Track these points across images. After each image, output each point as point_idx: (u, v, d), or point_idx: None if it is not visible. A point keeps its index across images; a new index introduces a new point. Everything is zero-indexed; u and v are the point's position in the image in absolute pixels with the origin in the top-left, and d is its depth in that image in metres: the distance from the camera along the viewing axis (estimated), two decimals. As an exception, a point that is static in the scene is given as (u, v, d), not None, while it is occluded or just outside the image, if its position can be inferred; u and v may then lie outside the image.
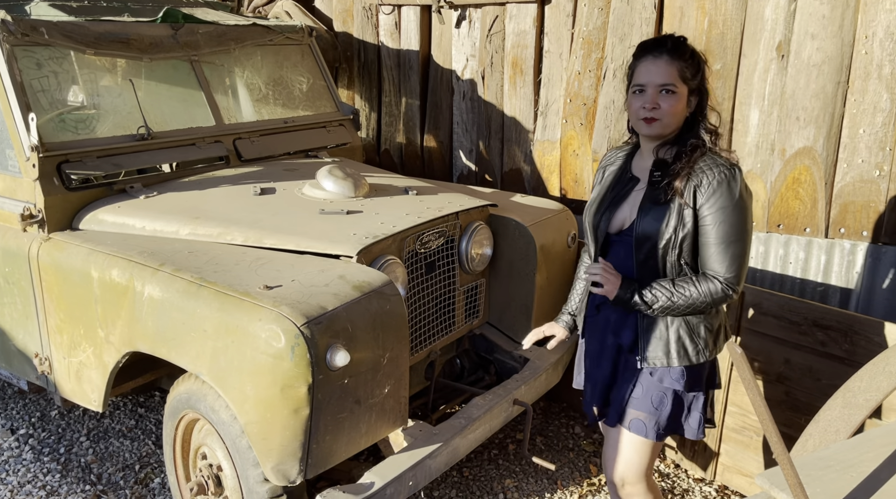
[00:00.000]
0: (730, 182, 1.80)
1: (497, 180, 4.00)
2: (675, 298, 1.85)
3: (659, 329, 1.94)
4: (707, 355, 1.94)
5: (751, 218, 1.84)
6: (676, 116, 1.87)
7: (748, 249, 1.86)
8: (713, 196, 1.80)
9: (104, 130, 2.79)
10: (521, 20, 3.68)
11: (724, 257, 1.82)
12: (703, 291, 1.84)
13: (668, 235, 1.85)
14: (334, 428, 2.03)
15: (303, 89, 3.59)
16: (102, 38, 2.77)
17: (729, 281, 1.84)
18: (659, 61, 1.85)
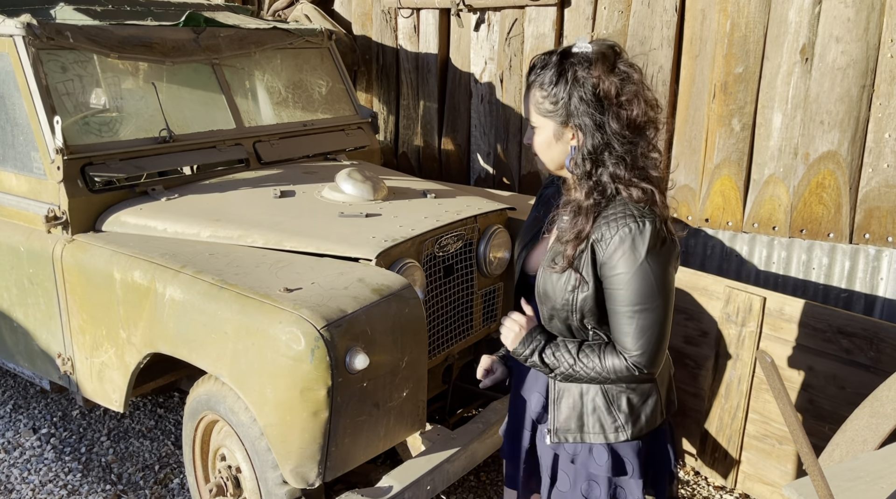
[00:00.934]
0: (634, 239, 1.42)
1: (515, 184, 3.99)
2: (578, 369, 1.53)
3: (573, 395, 1.59)
4: (628, 434, 1.56)
5: (667, 280, 1.47)
6: (547, 155, 1.55)
7: (663, 318, 1.47)
8: (613, 256, 1.45)
9: (127, 133, 2.82)
10: (541, 23, 3.67)
11: (629, 329, 1.47)
12: (608, 366, 1.50)
13: (566, 297, 1.53)
14: (353, 431, 2.03)
15: (322, 92, 3.60)
16: (126, 41, 2.80)
17: (635, 359, 1.48)
18: (528, 93, 1.54)
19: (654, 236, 1.43)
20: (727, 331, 2.80)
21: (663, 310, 1.47)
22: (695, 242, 3.41)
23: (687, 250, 3.44)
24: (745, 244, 3.26)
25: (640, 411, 1.58)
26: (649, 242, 1.43)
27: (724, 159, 3.22)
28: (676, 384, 1.76)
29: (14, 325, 2.83)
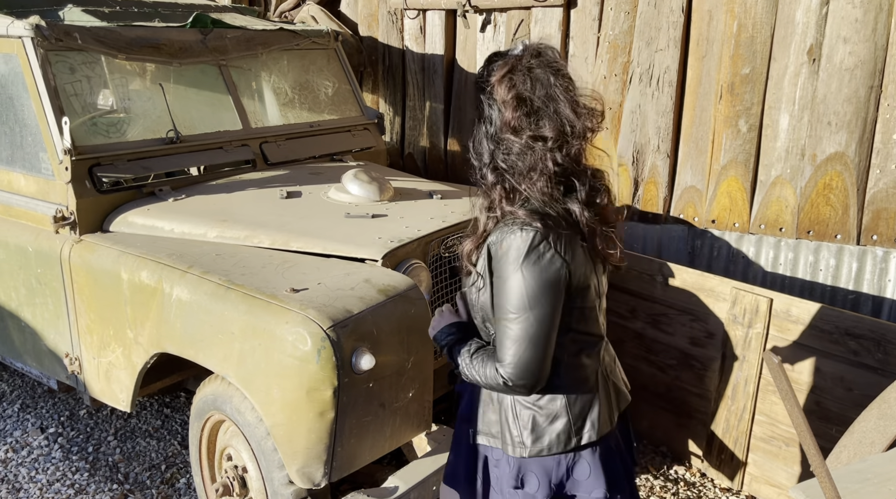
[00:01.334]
0: (511, 246, 1.38)
1: (521, 185, 3.99)
2: (468, 371, 1.48)
3: (494, 399, 1.55)
4: (526, 451, 1.49)
5: (540, 294, 1.38)
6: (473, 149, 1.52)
7: (534, 333, 1.39)
8: (499, 260, 1.40)
9: (134, 134, 2.83)
10: (547, 24, 3.67)
11: (500, 337, 1.41)
12: (488, 374, 1.44)
13: (472, 296, 1.52)
14: (359, 431, 2.03)
15: (328, 93, 3.61)
16: (134, 43, 2.82)
17: (503, 370, 1.41)
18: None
19: (531, 248, 1.37)
20: (734, 332, 2.79)
21: (534, 324, 1.38)
22: (701, 243, 3.40)
23: (693, 251, 3.43)
24: (752, 245, 3.25)
25: (544, 432, 1.49)
26: (525, 252, 1.37)
27: (731, 160, 3.21)
28: (682, 385, 1.71)
29: (22, 324, 2.84)
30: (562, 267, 1.39)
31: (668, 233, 3.49)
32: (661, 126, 3.39)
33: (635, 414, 3.21)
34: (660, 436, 3.17)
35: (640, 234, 3.56)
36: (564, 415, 1.50)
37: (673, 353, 3.03)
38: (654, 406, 3.15)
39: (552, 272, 1.38)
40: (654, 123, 3.41)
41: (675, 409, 3.07)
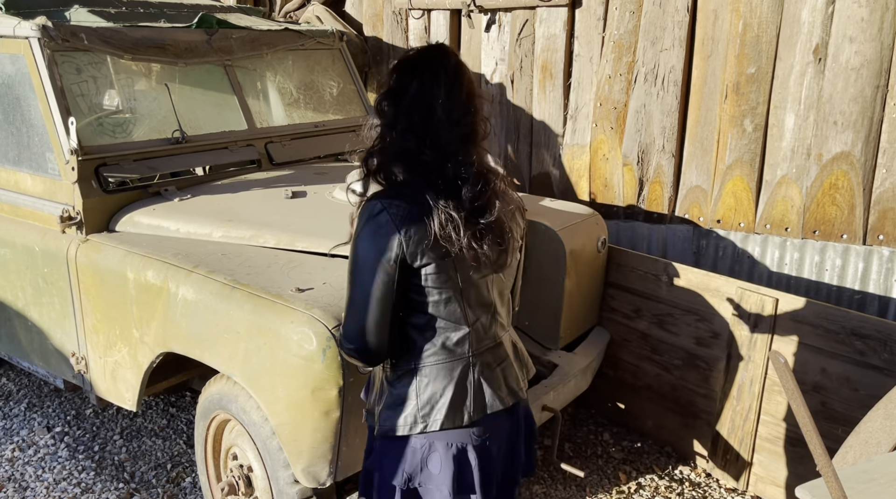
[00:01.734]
0: (360, 215, 1.48)
1: (525, 184, 3.99)
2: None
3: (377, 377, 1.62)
4: (376, 429, 1.55)
5: (365, 265, 1.45)
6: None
7: (357, 300, 1.47)
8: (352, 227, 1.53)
9: (140, 134, 2.84)
10: (552, 24, 3.67)
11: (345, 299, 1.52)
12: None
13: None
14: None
15: (333, 93, 3.62)
16: (139, 43, 2.82)
17: (339, 331, 1.55)
18: None
19: (370, 218, 1.45)
20: (739, 332, 2.79)
21: (359, 291, 1.46)
22: (706, 242, 3.40)
23: (698, 251, 3.43)
24: (758, 245, 3.25)
25: (394, 412, 1.53)
26: (366, 220, 1.46)
27: (737, 160, 3.21)
28: (687, 385, 1.70)
29: (29, 324, 2.85)
30: (393, 241, 1.43)
31: (673, 233, 3.48)
32: (666, 126, 3.39)
33: (640, 413, 3.21)
34: (665, 436, 3.17)
35: (644, 233, 3.56)
36: (413, 398, 1.52)
37: (678, 353, 3.02)
38: (659, 406, 3.15)
39: (382, 244, 1.44)
40: (659, 123, 3.41)
41: (681, 409, 3.06)
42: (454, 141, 1.46)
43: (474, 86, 1.52)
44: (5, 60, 2.71)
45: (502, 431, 1.60)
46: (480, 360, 1.56)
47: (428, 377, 1.52)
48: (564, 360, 2.90)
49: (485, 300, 1.55)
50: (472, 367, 1.54)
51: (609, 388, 3.32)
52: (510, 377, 1.61)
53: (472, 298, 1.52)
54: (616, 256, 3.17)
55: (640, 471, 3.04)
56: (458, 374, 1.53)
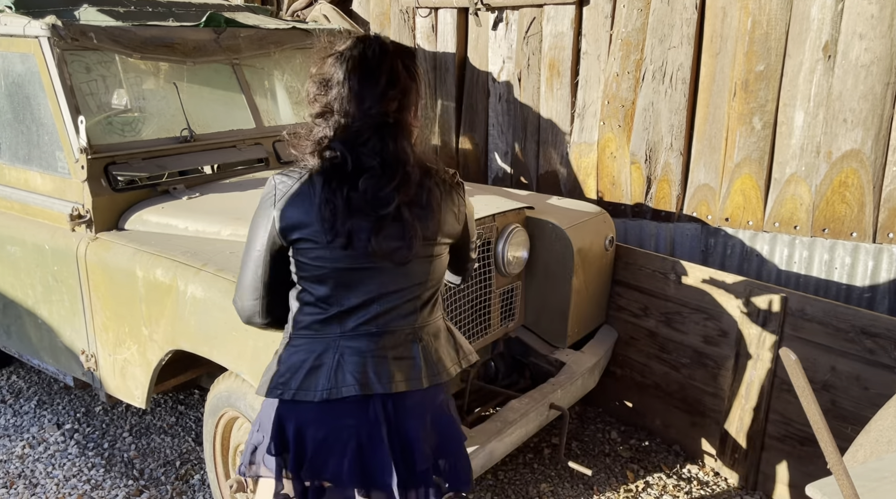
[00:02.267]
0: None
1: (533, 183, 3.98)
2: None
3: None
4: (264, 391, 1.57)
5: (252, 235, 1.57)
6: None
7: (242, 264, 1.60)
8: None
9: (149, 133, 2.85)
10: (559, 22, 3.66)
11: None
12: None
13: None
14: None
15: (341, 92, 3.62)
16: (148, 42, 2.84)
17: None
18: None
19: (265, 193, 1.55)
20: (747, 331, 2.78)
21: (243, 258, 1.61)
22: (714, 241, 3.38)
23: (707, 250, 3.42)
24: (766, 244, 3.23)
25: (265, 373, 1.60)
26: (262, 195, 1.56)
27: (745, 158, 3.20)
28: (695, 384, 1.68)
29: (39, 321, 2.87)
30: (270, 214, 1.53)
31: (681, 231, 3.47)
32: (675, 124, 3.38)
33: (648, 411, 3.21)
34: (673, 435, 3.16)
35: (652, 232, 3.55)
36: (277, 365, 1.58)
37: (686, 351, 3.01)
38: (667, 405, 3.14)
39: (261, 216, 1.56)
40: (667, 121, 3.40)
41: (689, 407, 3.05)
42: (365, 130, 1.48)
43: (407, 80, 1.52)
44: (15, 60, 2.73)
45: (363, 421, 1.55)
46: (350, 344, 1.54)
47: (295, 349, 1.57)
48: (572, 358, 2.89)
49: (368, 289, 1.54)
50: (336, 349, 1.54)
51: (617, 386, 3.31)
52: (388, 368, 1.55)
53: (350, 284, 1.54)
54: (624, 255, 3.17)
55: (648, 470, 3.03)
56: (320, 352, 1.55)
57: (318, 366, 1.54)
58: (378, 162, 1.49)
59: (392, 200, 1.48)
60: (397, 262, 1.53)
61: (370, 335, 1.55)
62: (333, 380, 1.53)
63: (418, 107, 1.56)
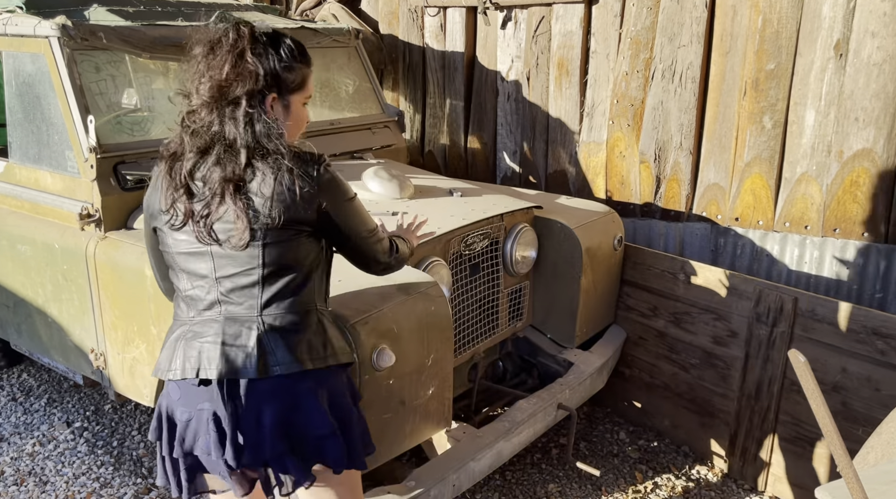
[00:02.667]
0: None
1: (541, 182, 3.97)
2: None
3: None
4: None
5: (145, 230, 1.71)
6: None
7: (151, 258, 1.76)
8: None
9: (157, 132, 2.86)
10: (568, 20, 3.65)
11: None
12: None
13: None
14: (379, 428, 2.03)
15: (349, 91, 3.62)
16: (157, 42, 2.84)
17: None
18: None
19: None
20: (757, 331, 2.76)
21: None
22: (724, 241, 3.36)
23: (716, 249, 3.39)
24: (777, 243, 3.21)
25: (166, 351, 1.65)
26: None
27: (755, 157, 3.17)
28: (705, 385, 1.65)
29: (49, 320, 2.89)
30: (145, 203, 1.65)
31: (690, 231, 3.45)
32: (684, 123, 3.36)
33: (657, 412, 3.19)
34: (682, 436, 3.14)
35: (661, 231, 3.53)
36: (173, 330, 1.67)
37: (695, 352, 3.00)
38: (675, 405, 3.12)
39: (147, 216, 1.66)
40: (676, 120, 3.38)
41: (698, 408, 3.04)
42: (203, 112, 1.53)
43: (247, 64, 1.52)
44: (26, 59, 2.74)
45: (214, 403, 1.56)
46: (192, 328, 1.60)
47: (171, 331, 1.66)
48: (580, 358, 2.88)
49: (198, 273, 1.59)
50: (184, 334, 1.60)
51: (625, 387, 3.30)
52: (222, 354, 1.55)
53: (190, 270, 1.59)
54: (632, 255, 3.15)
55: (657, 470, 3.02)
56: (177, 334, 1.62)
57: (172, 349, 1.61)
58: (207, 144, 1.52)
59: (216, 183, 1.51)
60: (233, 246, 1.53)
61: (213, 321, 1.58)
62: (181, 363, 1.58)
63: (262, 90, 1.54)
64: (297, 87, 1.61)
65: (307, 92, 1.65)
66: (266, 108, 1.54)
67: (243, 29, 1.56)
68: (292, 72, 1.58)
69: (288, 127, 1.62)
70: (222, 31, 1.56)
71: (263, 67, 1.53)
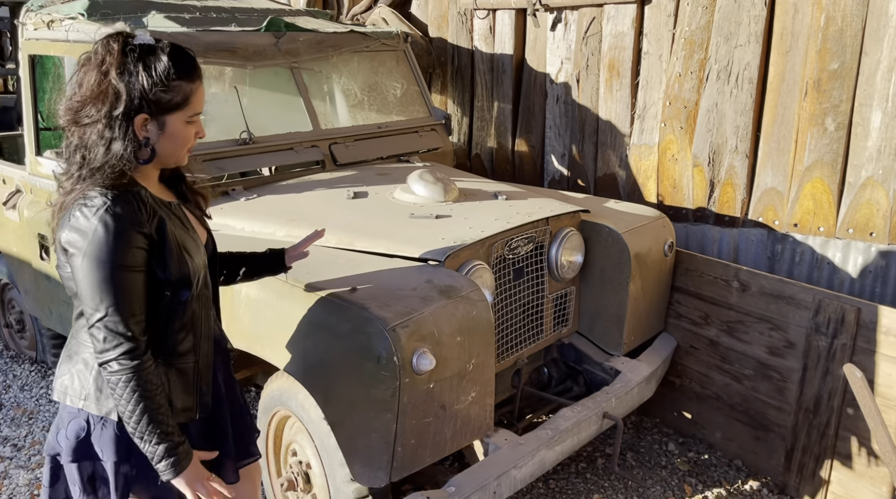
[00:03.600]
0: None
1: (590, 186, 3.90)
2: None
3: None
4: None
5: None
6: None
7: None
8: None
9: (210, 135, 2.92)
10: (620, 21, 3.58)
11: None
12: None
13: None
14: (419, 432, 2.02)
15: (397, 94, 3.63)
16: (211, 47, 2.91)
17: None
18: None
19: None
20: (816, 343, 2.64)
21: None
22: (782, 247, 3.23)
23: (773, 256, 3.26)
24: (839, 251, 3.06)
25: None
26: None
27: (816, 161, 3.04)
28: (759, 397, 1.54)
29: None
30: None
31: (745, 237, 3.33)
32: (740, 125, 3.24)
33: (708, 424, 3.08)
34: (734, 449, 3.03)
35: (715, 237, 3.42)
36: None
37: (749, 362, 2.89)
38: (728, 417, 3.01)
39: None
40: (732, 122, 3.27)
41: (752, 421, 2.92)
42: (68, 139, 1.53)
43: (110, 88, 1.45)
44: (87, 65, 2.84)
45: None
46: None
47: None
48: (628, 366, 2.81)
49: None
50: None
51: (675, 396, 3.20)
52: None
53: None
54: (684, 260, 3.06)
55: (707, 484, 2.92)
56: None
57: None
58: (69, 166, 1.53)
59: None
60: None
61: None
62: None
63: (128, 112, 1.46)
64: (176, 107, 1.51)
65: (192, 109, 1.54)
66: (136, 130, 1.47)
67: (112, 45, 1.48)
68: (168, 91, 1.48)
69: (166, 148, 1.53)
70: (97, 44, 1.50)
71: (128, 88, 1.45)
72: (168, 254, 1.53)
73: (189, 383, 1.63)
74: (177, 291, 1.57)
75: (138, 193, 1.52)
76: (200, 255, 1.64)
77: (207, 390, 1.69)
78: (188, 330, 1.61)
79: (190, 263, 1.58)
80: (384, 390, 1.92)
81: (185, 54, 1.53)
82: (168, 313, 1.57)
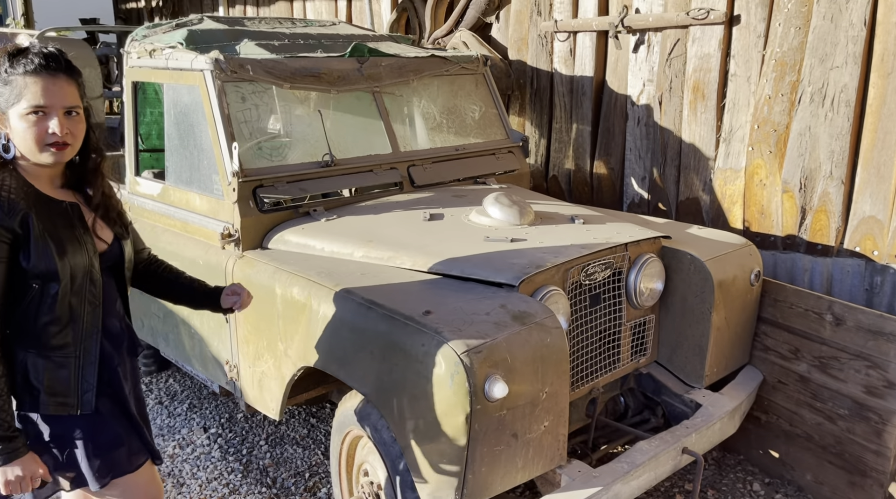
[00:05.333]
0: None
1: (672, 210, 3.79)
2: None
3: None
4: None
5: None
6: (82, 139, 1.71)
7: None
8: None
9: (294, 158, 3.02)
10: (706, 43, 3.48)
11: None
12: None
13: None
14: (490, 460, 2.00)
15: (475, 117, 3.65)
16: (298, 72, 3.02)
17: None
18: (60, 81, 1.61)
19: None
20: (920, 384, 2.45)
21: None
22: (881, 279, 3.03)
23: (871, 289, 3.06)
24: (946, 285, 2.84)
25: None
26: None
27: (921, 187, 2.84)
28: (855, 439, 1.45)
29: (192, 331, 3.11)
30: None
31: (840, 267, 3.14)
32: (835, 150, 3.08)
33: (797, 465, 2.90)
34: (826, 493, 2.84)
35: (806, 267, 3.24)
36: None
37: (844, 401, 2.71)
38: (819, 459, 2.83)
39: None
40: (826, 147, 3.10)
41: (846, 464, 2.73)
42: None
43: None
44: (183, 91, 3.01)
45: None
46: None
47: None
48: (709, 400, 2.69)
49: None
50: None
51: (761, 433, 3.04)
52: None
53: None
54: (772, 291, 2.91)
55: (796, 530, 2.74)
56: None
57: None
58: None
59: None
60: None
61: None
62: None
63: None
64: (13, 102, 1.60)
65: (26, 102, 1.60)
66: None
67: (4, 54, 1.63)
68: (7, 85, 1.60)
69: (19, 144, 1.64)
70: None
71: None
72: (32, 247, 1.62)
73: (68, 377, 1.70)
74: (45, 285, 1.65)
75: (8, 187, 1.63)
76: (83, 254, 1.70)
77: (90, 387, 1.73)
78: (63, 325, 1.68)
79: (60, 260, 1.65)
80: (456, 416, 1.91)
81: (46, 53, 1.63)
82: (37, 305, 1.66)
